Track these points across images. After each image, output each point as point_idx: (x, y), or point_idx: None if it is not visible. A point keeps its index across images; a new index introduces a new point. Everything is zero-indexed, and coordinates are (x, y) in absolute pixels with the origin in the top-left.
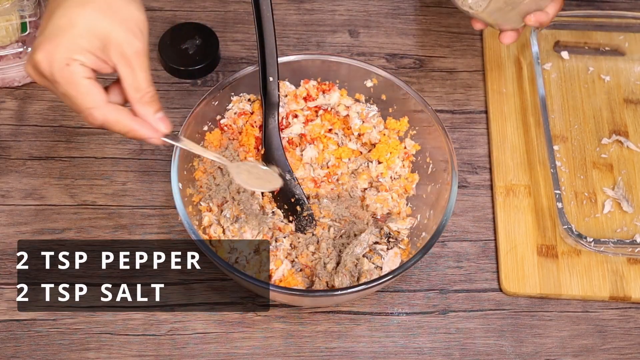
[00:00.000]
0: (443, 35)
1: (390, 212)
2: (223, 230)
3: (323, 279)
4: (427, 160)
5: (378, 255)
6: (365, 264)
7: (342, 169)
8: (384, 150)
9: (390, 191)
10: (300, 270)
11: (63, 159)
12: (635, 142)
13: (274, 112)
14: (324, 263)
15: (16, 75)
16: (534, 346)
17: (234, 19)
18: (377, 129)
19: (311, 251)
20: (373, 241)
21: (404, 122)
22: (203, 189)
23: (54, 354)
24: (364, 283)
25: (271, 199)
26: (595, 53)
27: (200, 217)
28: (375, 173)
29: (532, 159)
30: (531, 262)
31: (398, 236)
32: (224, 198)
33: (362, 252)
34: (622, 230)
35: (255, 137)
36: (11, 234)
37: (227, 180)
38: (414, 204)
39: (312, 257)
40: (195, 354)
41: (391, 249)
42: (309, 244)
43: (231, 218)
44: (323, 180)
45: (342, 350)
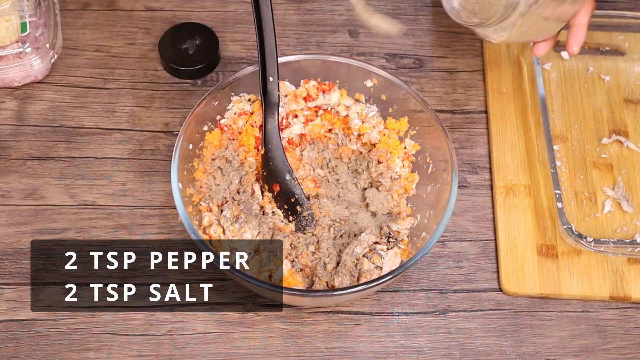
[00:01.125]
0: (443, 35)
1: (390, 212)
2: (223, 231)
3: (323, 279)
4: (427, 160)
5: (378, 255)
6: (365, 264)
7: (342, 169)
8: (384, 150)
9: (390, 191)
10: (301, 270)
11: (63, 159)
12: (635, 142)
13: (274, 112)
14: (324, 263)
15: (16, 75)
16: (534, 346)
17: (234, 19)
18: (377, 129)
19: (311, 251)
20: (373, 241)
21: (404, 122)
22: (203, 189)
23: (54, 354)
24: (364, 283)
25: (271, 199)
26: (595, 53)
27: (200, 217)
28: (375, 173)
29: (532, 159)
30: (531, 262)
31: (398, 236)
32: (224, 198)
33: (362, 252)
34: (622, 230)
35: (255, 137)
36: (11, 234)
37: (227, 180)
38: (414, 204)
39: (312, 257)
40: (195, 354)
41: (391, 249)
42: (309, 244)
43: (231, 218)
44: (323, 180)
45: (342, 350)
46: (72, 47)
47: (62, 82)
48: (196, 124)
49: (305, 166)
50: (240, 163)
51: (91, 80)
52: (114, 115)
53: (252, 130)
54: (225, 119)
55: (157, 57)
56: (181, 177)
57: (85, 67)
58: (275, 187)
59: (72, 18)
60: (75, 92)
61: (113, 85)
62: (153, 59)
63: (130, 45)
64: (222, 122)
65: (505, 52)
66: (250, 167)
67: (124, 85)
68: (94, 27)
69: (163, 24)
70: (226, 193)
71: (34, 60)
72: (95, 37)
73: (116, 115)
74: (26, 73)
